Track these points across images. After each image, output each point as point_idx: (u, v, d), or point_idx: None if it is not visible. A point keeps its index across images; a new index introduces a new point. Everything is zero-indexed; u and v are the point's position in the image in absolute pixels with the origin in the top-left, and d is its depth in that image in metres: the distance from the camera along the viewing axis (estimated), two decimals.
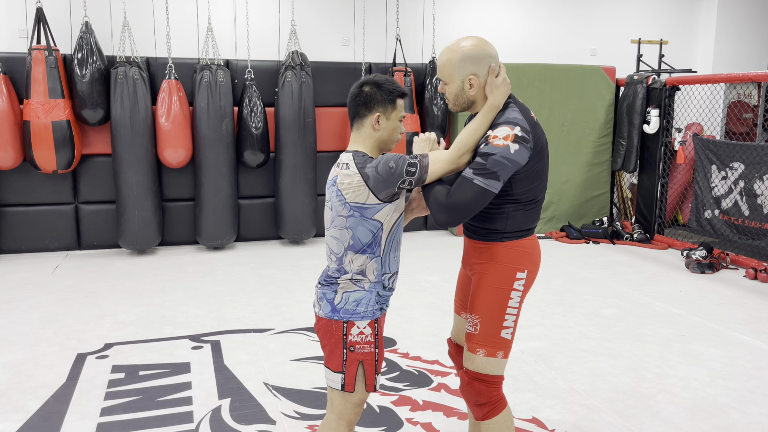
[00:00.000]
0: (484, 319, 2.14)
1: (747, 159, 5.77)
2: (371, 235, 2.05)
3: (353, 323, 2.07)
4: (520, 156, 1.97)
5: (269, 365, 3.55)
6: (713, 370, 3.53)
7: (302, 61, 6.26)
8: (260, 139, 6.20)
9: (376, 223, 2.05)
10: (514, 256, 2.14)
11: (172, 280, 5.24)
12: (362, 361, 2.08)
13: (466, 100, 2.12)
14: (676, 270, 5.71)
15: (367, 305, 2.07)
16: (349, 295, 2.08)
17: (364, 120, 2.09)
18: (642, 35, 8.07)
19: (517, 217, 2.12)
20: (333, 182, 2.07)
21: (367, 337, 2.08)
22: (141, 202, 5.92)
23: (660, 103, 6.66)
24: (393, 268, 2.13)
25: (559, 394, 3.22)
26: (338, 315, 2.08)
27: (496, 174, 1.96)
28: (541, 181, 2.13)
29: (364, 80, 2.11)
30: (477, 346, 2.16)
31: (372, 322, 2.08)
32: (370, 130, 2.09)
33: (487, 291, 2.14)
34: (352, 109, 2.11)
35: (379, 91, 2.07)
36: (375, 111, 2.07)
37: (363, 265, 2.07)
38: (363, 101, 2.08)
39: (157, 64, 6.12)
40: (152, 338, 3.95)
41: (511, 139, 1.97)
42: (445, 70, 2.10)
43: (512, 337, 2.17)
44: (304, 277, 5.32)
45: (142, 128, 5.84)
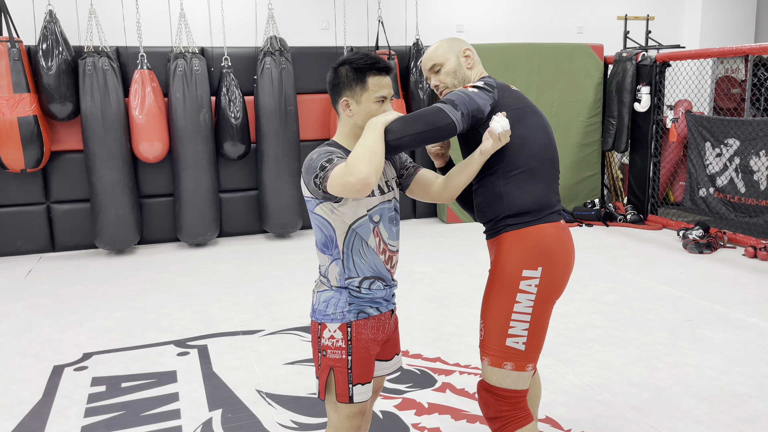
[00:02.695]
0: (488, 325, 1.97)
1: (742, 135, 5.64)
2: (321, 233, 1.89)
3: (325, 325, 1.90)
4: (477, 97, 1.92)
5: (261, 370, 3.33)
6: (727, 356, 3.38)
7: (281, 46, 5.98)
8: (240, 129, 5.93)
9: (319, 218, 1.87)
10: (520, 249, 1.93)
11: (153, 280, 4.99)
12: (333, 367, 1.89)
13: (463, 75, 2.08)
14: (674, 251, 5.58)
15: (336, 306, 1.89)
16: (319, 296, 1.93)
17: (337, 107, 1.91)
18: (628, 11, 7.90)
19: (511, 193, 1.95)
20: None
21: (337, 342, 1.88)
22: (117, 199, 5.63)
23: (650, 80, 6.50)
24: (364, 272, 1.89)
25: (571, 390, 3.04)
26: (315, 315, 1.93)
27: (453, 102, 1.88)
28: (525, 148, 1.95)
29: (340, 60, 1.89)
30: (483, 354, 2.01)
31: (343, 326, 1.88)
32: (344, 116, 1.90)
33: (492, 293, 1.96)
34: (330, 96, 1.93)
35: (347, 72, 1.84)
36: (343, 95, 1.86)
37: (323, 265, 1.93)
38: (331, 86, 1.89)
39: (128, 53, 5.80)
40: (134, 345, 3.71)
41: (471, 86, 1.96)
42: (438, 52, 2.09)
43: (528, 348, 1.93)
44: (292, 273, 5.09)
45: (115, 122, 5.54)
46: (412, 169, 2.07)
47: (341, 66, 1.87)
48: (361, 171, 1.68)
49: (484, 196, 2.01)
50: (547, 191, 1.98)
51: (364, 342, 1.91)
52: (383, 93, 1.86)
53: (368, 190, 1.70)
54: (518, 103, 1.98)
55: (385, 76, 1.86)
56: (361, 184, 1.68)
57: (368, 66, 1.83)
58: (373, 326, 1.93)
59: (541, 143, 1.98)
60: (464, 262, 5.29)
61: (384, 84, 1.85)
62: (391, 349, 2.09)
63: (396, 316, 2.07)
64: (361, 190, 1.69)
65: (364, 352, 1.91)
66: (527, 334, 1.93)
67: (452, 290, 4.56)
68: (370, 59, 1.84)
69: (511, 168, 1.95)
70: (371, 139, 1.77)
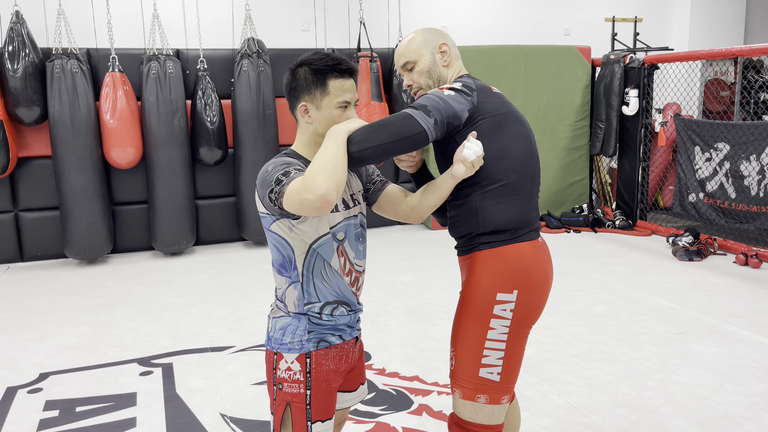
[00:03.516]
0: (459, 354, 1.79)
1: (732, 139, 5.50)
2: (278, 252, 1.70)
3: (281, 356, 1.71)
4: (454, 101, 1.72)
5: (227, 391, 3.13)
6: (719, 373, 3.22)
7: (259, 48, 5.79)
8: (217, 134, 5.73)
9: (276, 237, 1.68)
10: (494, 269, 1.75)
11: (122, 292, 4.77)
12: (290, 403, 1.70)
13: (438, 75, 1.87)
14: (664, 258, 5.43)
15: (294, 334, 1.70)
16: (276, 322, 1.74)
17: (295, 112, 1.71)
18: (616, 13, 7.76)
19: (487, 209, 1.76)
20: None
21: (295, 374, 1.69)
22: (88, 207, 5.41)
23: (639, 83, 6.35)
24: (326, 297, 1.71)
25: (555, 411, 2.87)
26: (270, 344, 1.74)
27: (426, 108, 1.69)
28: (504, 160, 1.75)
29: (298, 61, 1.69)
30: (454, 385, 1.81)
31: (302, 357, 1.69)
32: (303, 122, 1.71)
33: (462, 318, 1.79)
34: (287, 101, 1.73)
35: (306, 74, 1.65)
36: (301, 99, 1.67)
37: (281, 288, 1.73)
38: (288, 89, 1.70)
39: (98, 55, 5.59)
40: (95, 364, 3.50)
41: (447, 88, 1.76)
42: (411, 47, 1.88)
43: (503, 379, 1.75)
44: (269, 284, 4.89)
45: (85, 126, 5.32)
46: (380, 183, 1.88)
47: (299, 67, 1.68)
48: (320, 187, 1.48)
49: (458, 210, 1.83)
50: (525, 207, 1.79)
51: (325, 374, 1.72)
52: (346, 98, 1.66)
53: (328, 209, 1.51)
54: (500, 108, 1.78)
55: (348, 78, 1.67)
56: (320, 201, 1.48)
57: (329, 67, 1.64)
58: (336, 356, 1.74)
59: (521, 155, 1.78)
60: (448, 271, 5.11)
61: (347, 88, 1.67)
62: (356, 378, 1.91)
63: (361, 342, 1.89)
64: (320, 209, 1.50)
65: (325, 386, 1.72)
66: (502, 364, 1.75)
67: (434, 302, 4.38)
68: (331, 60, 1.65)
69: (489, 182, 1.76)
70: (332, 150, 1.57)
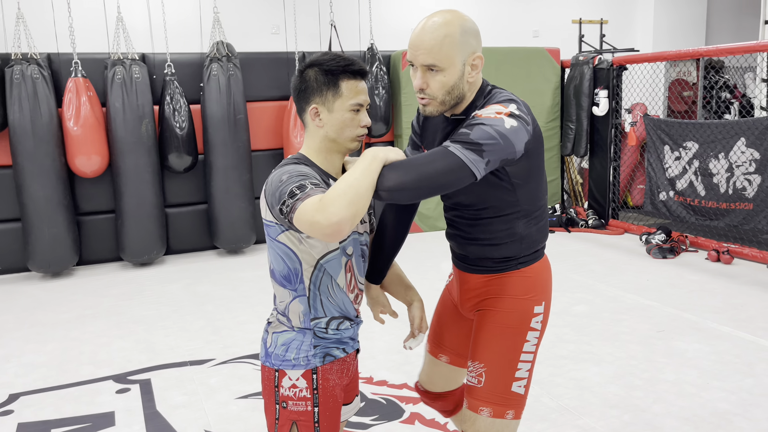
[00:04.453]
0: (492, 369, 1.68)
1: (701, 138, 5.60)
2: (283, 264, 1.59)
3: (284, 373, 1.61)
4: (516, 136, 1.46)
5: (211, 406, 3.02)
6: (703, 369, 3.24)
7: (229, 52, 5.66)
8: (186, 140, 5.58)
9: (283, 247, 1.57)
10: (530, 285, 1.71)
11: (92, 306, 4.59)
12: (296, 421, 1.61)
13: (460, 92, 1.58)
14: (638, 256, 5.49)
15: (299, 350, 1.61)
16: (277, 337, 1.64)
17: (304, 115, 1.61)
18: (582, 15, 7.86)
19: (532, 234, 1.70)
20: None
21: (301, 392, 1.60)
22: (51, 218, 5.20)
23: (608, 83, 6.43)
24: (332, 312, 1.63)
25: (548, 415, 2.84)
26: (270, 361, 1.64)
27: (480, 148, 1.42)
28: (543, 185, 1.70)
29: (307, 62, 1.62)
30: (481, 404, 1.68)
31: (308, 373, 1.60)
32: (312, 126, 1.60)
33: (497, 332, 1.69)
34: (295, 104, 1.64)
35: (317, 75, 1.57)
36: (312, 102, 1.58)
37: (283, 301, 1.63)
38: (297, 92, 1.60)
39: (60, 60, 5.38)
40: (68, 383, 3.34)
41: (506, 114, 1.47)
42: (443, 51, 1.51)
43: (526, 392, 1.71)
44: (245, 293, 4.77)
45: (47, 134, 5.11)
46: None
47: (309, 68, 1.59)
48: (336, 213, 1.35)
49: (495, 235, 1.69)
50: (547, 222, 1.78)
51: (331, 389, 1.64)
52: (359, 100, 1.58)
53: (338, 238, 1.39)
54: (538, 131, 1.60)
55: (360, 80, 1.59)
56: (331, 228, 1.36)
57: (341, 68, 1.56)
58: (339, 370, 1.67)
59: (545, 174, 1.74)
60: (427, 274, 5.07)
61: (360, 89, 1.58)
62: (352, 391, 1.84)
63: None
64: (330, 236, 1.38)
65: (332, 402, 1.64)
66: (528, 376, 1.71)
67: None
68: (343, 60, 1.57)
69: (533, 209, 1.69)
70: (360, 175, 1.42)
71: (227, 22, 6.19)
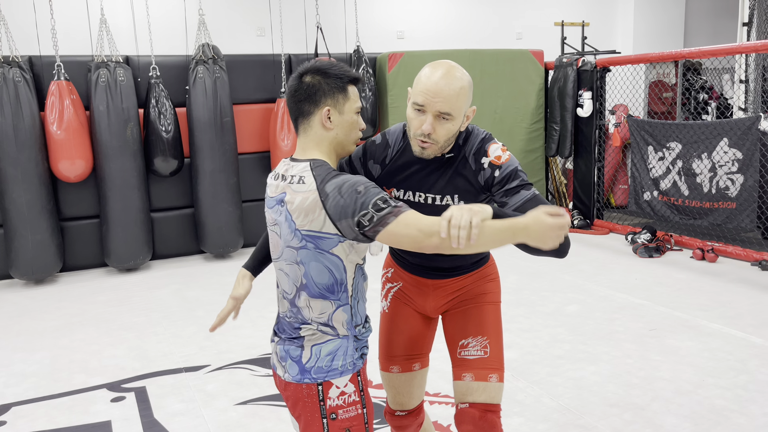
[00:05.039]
0: (493, 340, 1.91)
1: (684, 138, 5.70)
2: (329, 276, 1.57)
3: (330, 383, 1.59)
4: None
5: (210, 414, 2.98)
6: (698, 367, 3.29)
7: (215, 54, 5.61)
8: (172, 143, 5.51)
9: (334, 259, 1.55)
10: (494, 269, 2.05)
11: (79, 313, 4.50)
12: (349, 428, 1.59)
13: (454, 138, 1.75)
14: (624, 256, 5.56)
15: (345, 356, 1.60)
16: (320, 348, 1.59)
17: (311, 119, 1.60)
18: (564, 17, 7.94)
19: None
20: (280, 201, 1.59)
21: (350, 397, 1.60)
22: (34, 223, 5.09)
23: (592, 85, 6.51)
24: (364, 314, 1.67)
25: (550, 415, 2.86)
26: (309, 376, 1.59)
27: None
28: None
29: (303, 69, 1.63)
30: (490, 372, 1.86)
31: (354, 377, 1.61)
32: (321, 130, 1.61)
33: (490, 309, 1.95)
34: (294, 108, 1.62)
35: (324, 79, 1.59)
36: (323, 104, 1.59)
37: (325, 313, 1.59)
38: (306, 95, 1.59)
39: (42, 63, 5.27)
40: (60, 392, 3.27)
41: (506, 149, 1.79)
42: (458, 101, 1.66)
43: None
44: None
45: (29, 138, 5.01)
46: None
47: (313, 75, 1.60)
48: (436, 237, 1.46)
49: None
50: None
51: (368, 388, 1.67)
52: (360, 104, 1.67)
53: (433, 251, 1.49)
54: None
55: (358, 85, 1.68)
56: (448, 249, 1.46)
57: (348, 75, 1.62)
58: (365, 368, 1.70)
59: None
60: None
61: (358, 94, 1.67)
62: None
63: None
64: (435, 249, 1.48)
65: (371, 400, 1.68)
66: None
67: None
68: (348, 69, 1.64)
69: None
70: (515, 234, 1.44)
71: (212, 24, 6.14)
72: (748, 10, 6.63)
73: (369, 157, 1.85)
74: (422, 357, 2.05)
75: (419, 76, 1.69)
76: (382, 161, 1.83)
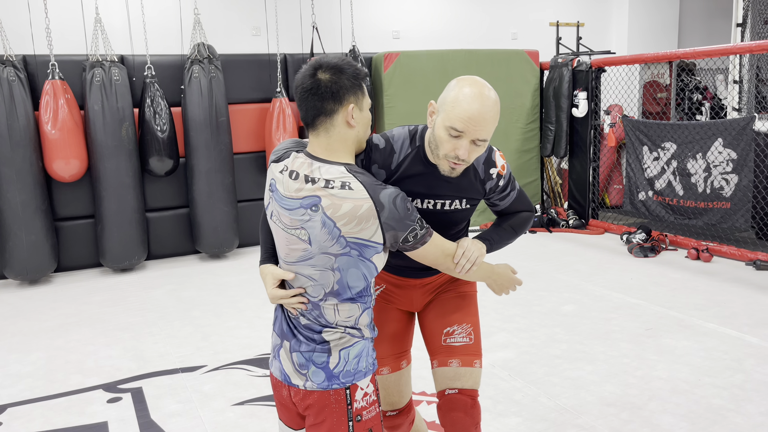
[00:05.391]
0: (476, 327, 1.99)
1: (679, 138, 5.72)
2: (364, 282, 1.57)
3: (356, 386, 1.58)
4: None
5: (208, 414, 2.97)
6: (695, 366, 3.30)
7: (210, 53, 5.59)
8: (167, 143, 5.49)
9: (371, 266, 1.56)
10: None
11: (74, 313, 4.48)
12: (372, 428, 1.60)
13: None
14: (620, 255, 5.58)
15: (368, 356, 1.63)
16: (348, 352, 1.57)
17: (335, 117, 1.53)
18: (560, 18, 7.96)
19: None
20: (312, 205, 1.50)
21: (371, 397, 1.62)
22: (28, 223, 5.06)
23: (587, 85, 6.53)
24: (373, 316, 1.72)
25: (548, 415, 2.86)
26: (338, 382, 1.56)
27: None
28: None
29: (314, 65, 1.56)
30: (474, 357, 1.94)
31: (373, 377, 1.64)
32: (345, 128, 1.55)
33: (470, 299, 2.03)
34: (314, 106, 1.53)
35: (343, 76, 1.54)
36: (347, 102, 1.54)
37: (352, 316, 1.58)
38: (328, 93, 1.52)
39: (36, 62, 5.25)
40: (56, 393, 3.25)
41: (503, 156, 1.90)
42: (492, 125, 1.65)
43: None
44: (231, 298, 4.71)
45: (24, 138, 4.98)
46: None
47: (329, 72, 1.54)
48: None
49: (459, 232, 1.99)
50: None
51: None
52: (369, 99, 1.67)
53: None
54: None
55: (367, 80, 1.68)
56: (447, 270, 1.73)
57: (362, 72, 1.61)
58: None
59: None
60: None
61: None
62: None
63: None
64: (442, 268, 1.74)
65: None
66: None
67: None
68: (354, 63, 1.61)
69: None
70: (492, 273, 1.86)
71: (208, 24, 6.12)
72: (742, 10, 6.67)
73: (373, 162, 1.76)
74: (407, 353, 2.10)
75: (457, 98, 1.61)
76: (387, 167, 1.76)
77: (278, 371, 1.63)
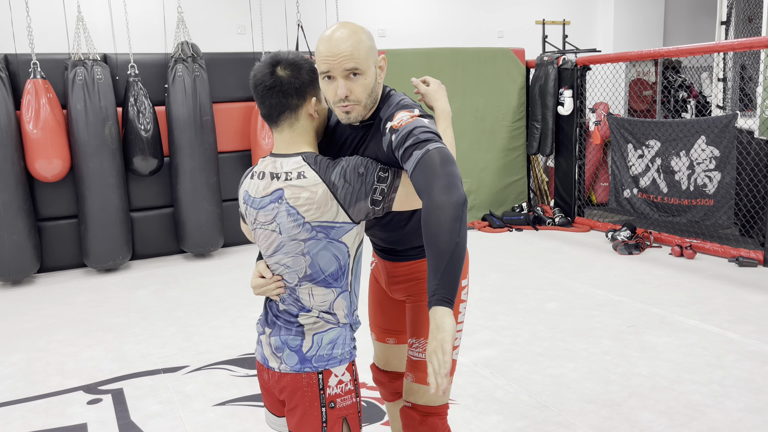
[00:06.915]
0: None
1: (663, 136, 5.75)
2: (336, 263, 1.59)
3: (330, 372, 1.60)
4: (434, 126, 1.55)
5: (188, 415, 2.96)
6: (675, 363, 3.32)
7: (194, 52, 5.56)
8: (151, 142, 5.46)
9: (342, 246, 1.58)
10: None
11: (57, 314, 4.45)
12: (346, 417, 1.61)
13: (376, 94, 1.64)
14: (605, 253, 5.61)
15: (344, 345, 1.63)
16: (321, 337, 1.60)
17: (299, 112, 1.58)
18: (545, 16, 7.98)
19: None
20: (277, 199, 1.56)
21: (347, 386, 1.62)
22: (10, 224, 5.02)
23: (572, 83, 6.54)
24: (357, 301, 1.69)
25: (528, 412, 2.87)
26: (310, 365, 1.59)
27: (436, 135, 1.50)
28: None
29: (270, 63, 1.57)
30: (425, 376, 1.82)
31: (350, 365, 1.64)
32: (308, 121, 1.61)
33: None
34: (277, 104, 1.55)
35: (302, 71, 1.57)
36: (309, 95, 1.59)
37: (326, 301, 1.61)
38: (291, 89, 1.55)
39: (17, 61, 5.20)
40: (36, 395, 3.22)
41: (417, 116, 1.56)
42: (360, 51, 1.55)
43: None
44: (215, 298, 4.69)
45: (5, 138, 4.94)
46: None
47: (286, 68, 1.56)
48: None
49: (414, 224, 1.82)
50: None
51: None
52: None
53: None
54: None
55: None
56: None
57: (313, 63, 1.62)
58: None
59: None
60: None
61: None
62: None
63: None
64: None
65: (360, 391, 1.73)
66: (459, 343, 1.92)
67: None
68: (303, 56, 1.63)
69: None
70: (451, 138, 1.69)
71: (192, 22, 6.08)
72: (726, 9, 6.71)
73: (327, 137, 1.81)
74: (396, 334, 2.05)
75: (317, 47, 1.60)
76: (329, 137, 1.77)
77: (260, 355, 1.69)
